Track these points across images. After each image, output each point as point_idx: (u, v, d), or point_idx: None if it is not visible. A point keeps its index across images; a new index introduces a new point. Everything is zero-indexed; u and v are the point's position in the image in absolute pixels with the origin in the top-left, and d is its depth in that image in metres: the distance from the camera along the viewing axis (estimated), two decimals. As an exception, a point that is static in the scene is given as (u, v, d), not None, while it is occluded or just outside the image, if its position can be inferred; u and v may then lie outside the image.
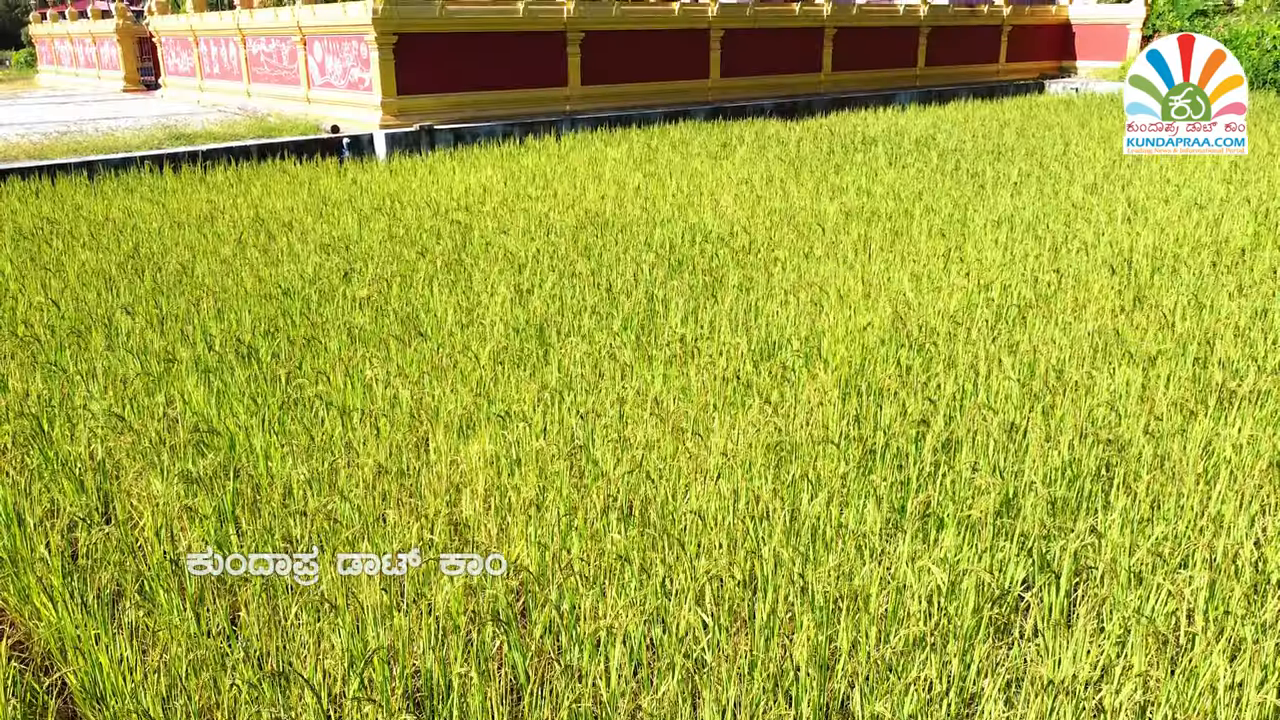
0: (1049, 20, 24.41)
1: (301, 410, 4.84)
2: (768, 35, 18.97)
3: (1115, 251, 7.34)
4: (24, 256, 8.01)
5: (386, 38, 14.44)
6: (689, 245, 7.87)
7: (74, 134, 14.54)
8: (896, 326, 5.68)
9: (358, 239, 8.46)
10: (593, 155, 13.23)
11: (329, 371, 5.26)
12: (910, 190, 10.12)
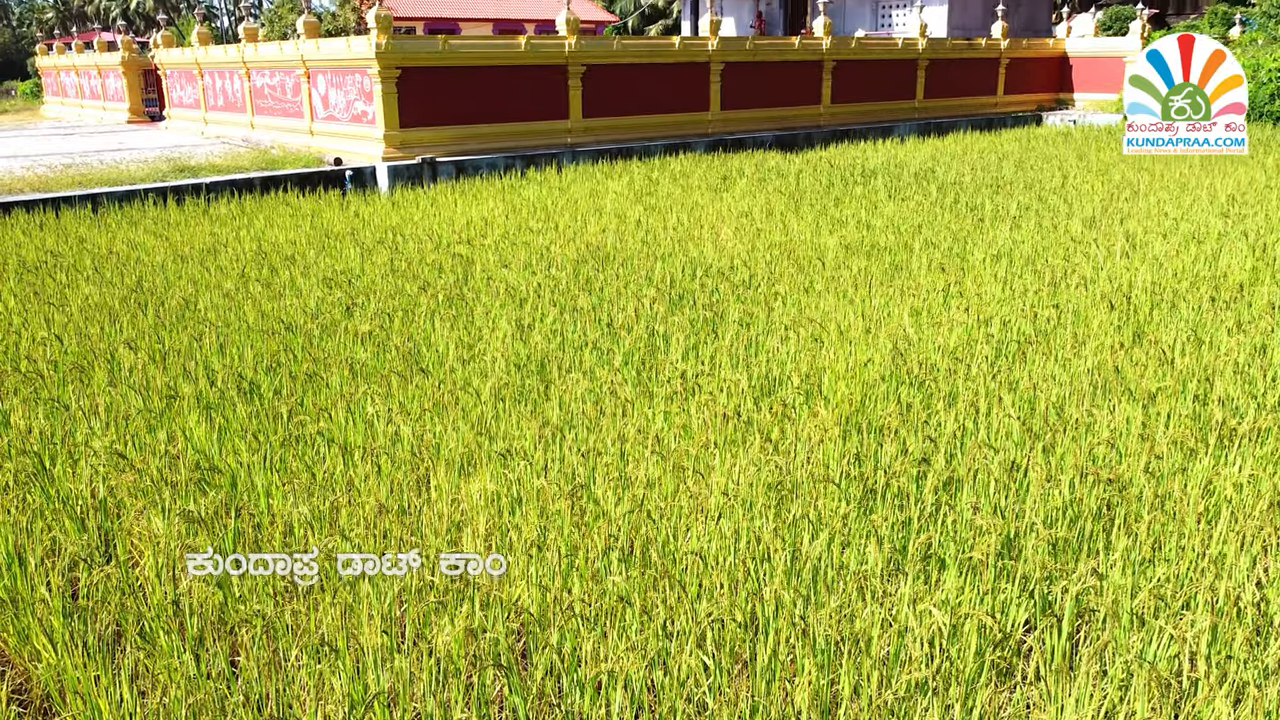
0: (1046, 53, 24.62)
1: (303, 447, 4.85)
2: (767, 68, 19.14)
3: (1114, 286, 7.37)
4: (28, 290, 8.05)
5: (389, 71, 14.57)
6: (689, 279, 7.90)
7: (78, 166, 14.65)
8: (897, 362, 5.70)
9: (360, 272, 8.50)
10: (594, 188, 13.31)
11: (330, 408, 5.27)
12: (909, 223, 10.17)
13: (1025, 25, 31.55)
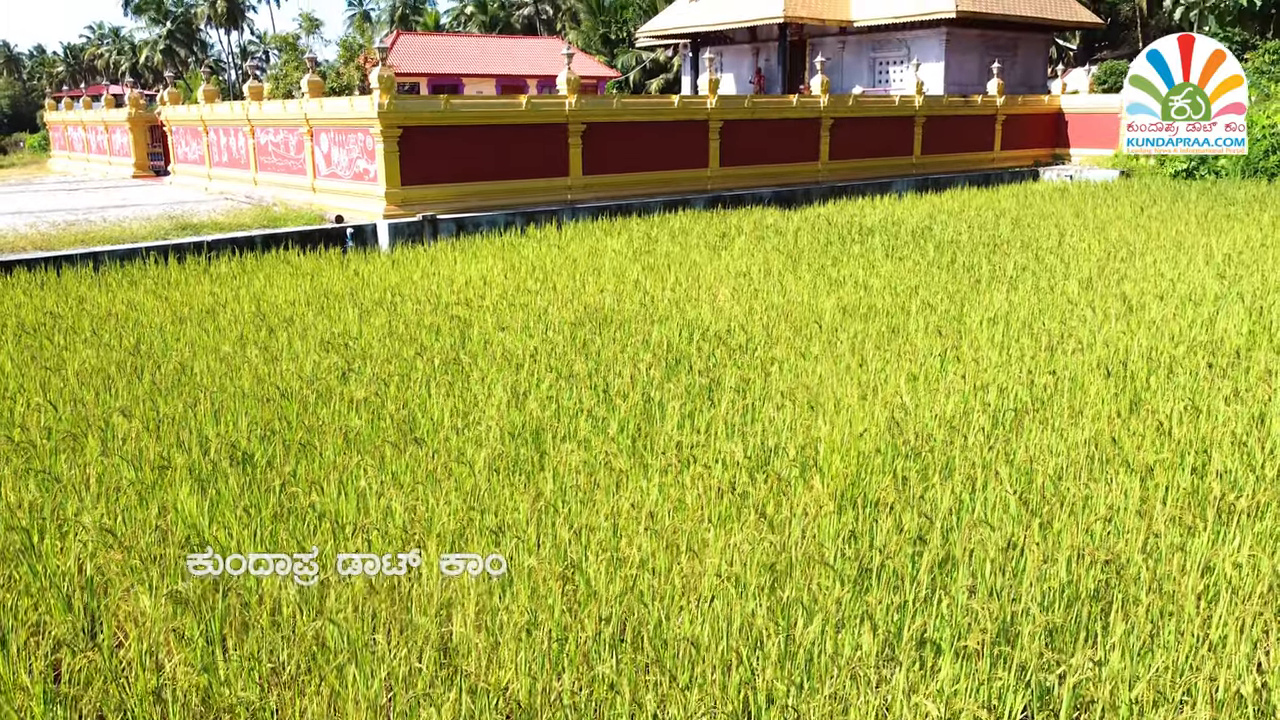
0: (1041, 109, 24.91)
1: (294, 521, 4.82)
2: (766, 126, 19.35)
3: (1111, 352, 7.36)
4: (25, 354, 8.05)
5: (391, 130, 14.73)
6: (686, 343, 7.91)
7: (81, 224, 14.75)
8: (893, 433, 5.68)
9: (357, 335, 8.51)
10: (593, 246, 13.38)
11: (323, 480, 5.24)
12: (907, 284, 10.20)
13: (1021, 81, 31.97)
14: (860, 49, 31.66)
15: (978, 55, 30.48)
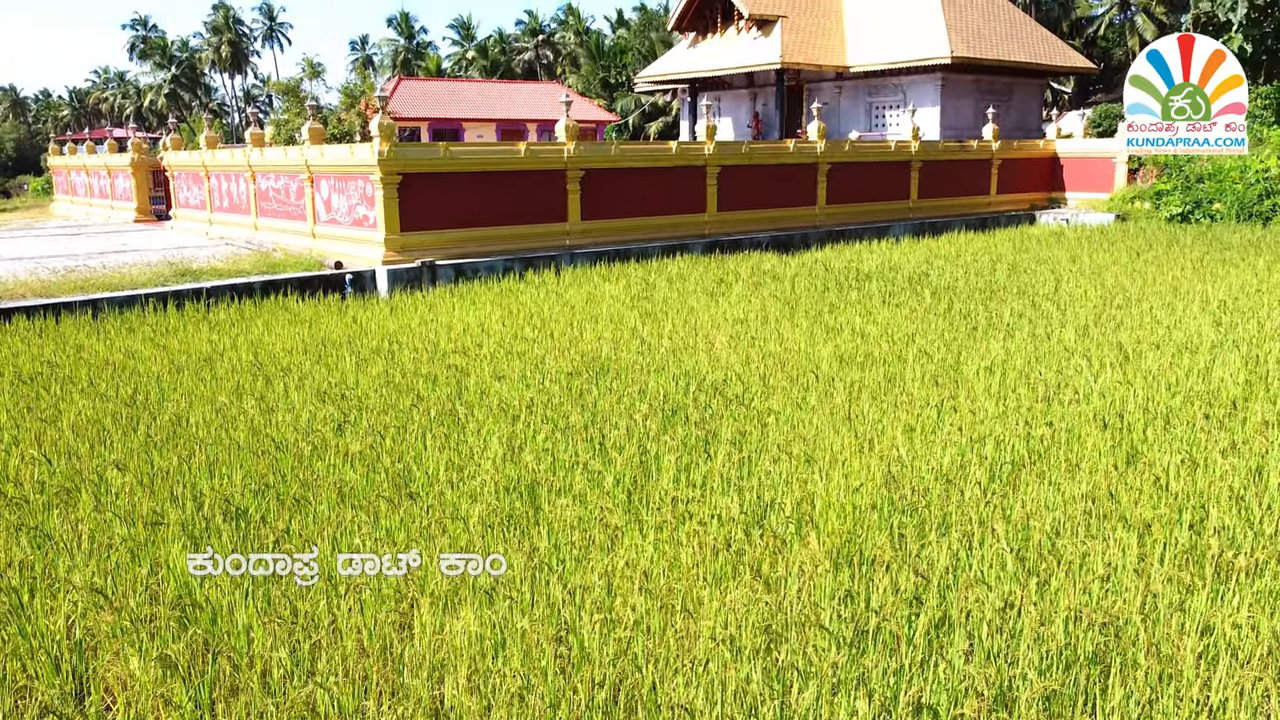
0: (1037, 154, 25.11)
1: (287, 580, 4.78)
2: (763, 171, 19.51)
3: (1107, 402, 7.36)
4: (21, 404, 8.05)
5: (391, 178, 14.84)
6: (683, 393, 7.90)
7: (81, 270, 14.81)
8: (890, 487, 5.65)
9: (354, 384, 8.51)
10: (590, 292, 13.42)
11: (316, 537, 5.22)
12: (904, 331, 10.22)
13: (1016, 125, 32.27)
14: (857, 93, 32.00)
15: (973, 100, 30.79)
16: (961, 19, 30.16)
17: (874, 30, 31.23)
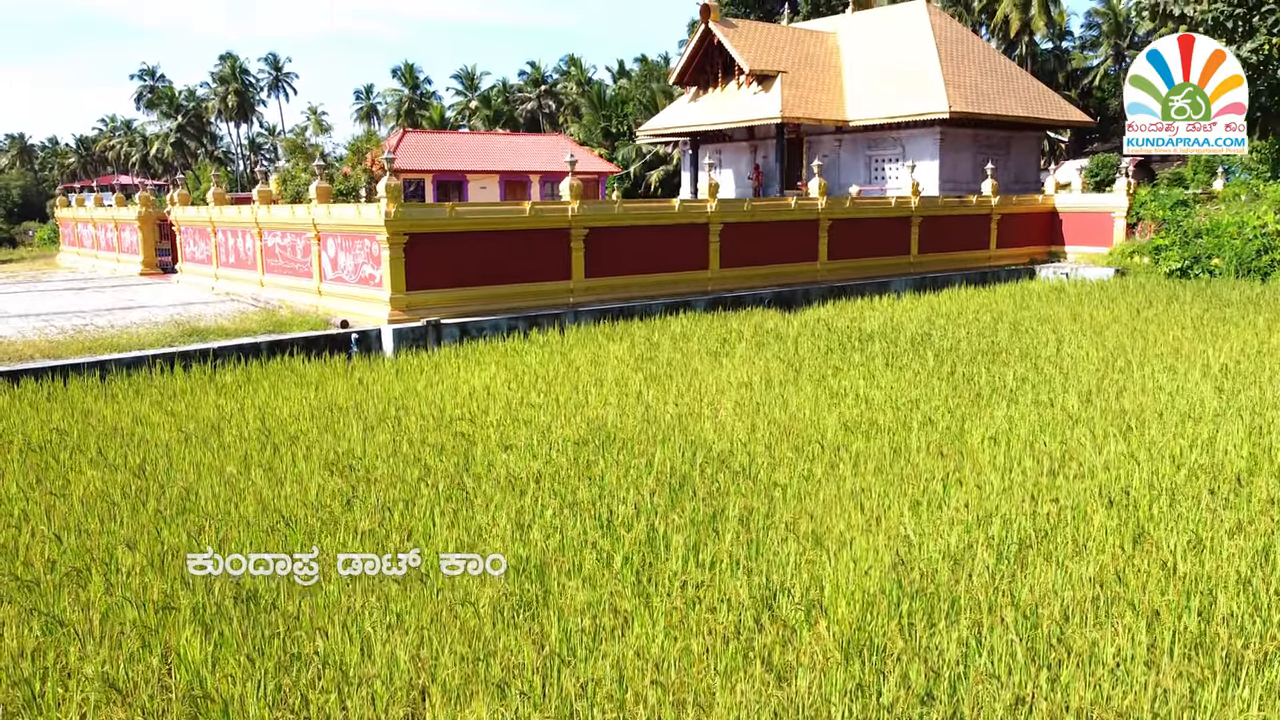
0: (1036, 208, 25.35)
1: (299, 670, 4.79)
2: (765, 228, 19.70)
3: (1112, 476, 7.39)
4: (31, 474, 8.08)
5: (398, 238, 15.00)
6: (690, 466, 7.94)
7: (89, 330, 14.91)
8: (898, 571, 5.68)
9: (361, 454, 8.55)
10: (595, 352, 13.51)
11: (326, 624, 5.23)
12: (907, 397, 10.28)
13: (1015, 178, 32.62)
14: (856, 147, 32.37)
15: (971, 153, 31.16)
16: (959, 75, 30.61)
17: (873, 85, 31.68)
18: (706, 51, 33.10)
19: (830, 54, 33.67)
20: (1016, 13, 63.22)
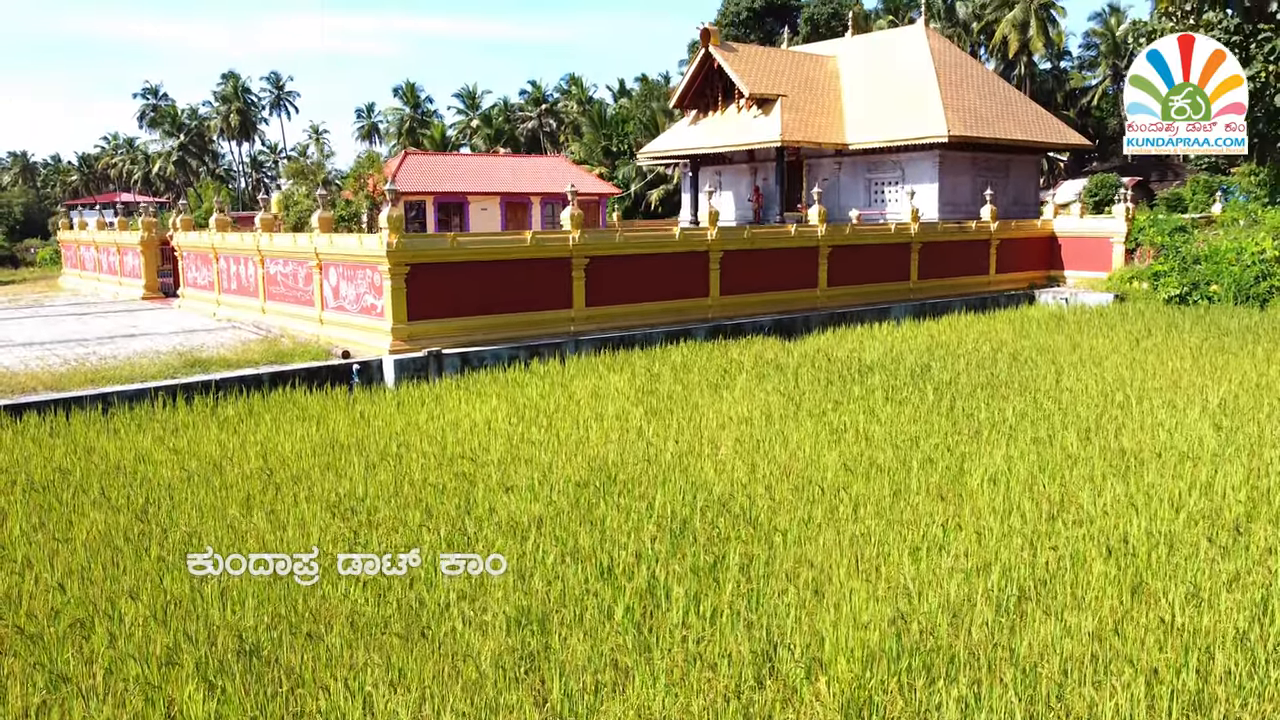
0: (1035, 233, 25.45)
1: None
2: (765, 255, 19.78)
3: (1112, 522, 7.42)
4: (35, 516, 8.12)
5: (399, 268, 15.07)
6: (690, 508, 7.97)
7: (91, 359, 14.95)
8: (897, 626, 5.70)
9: (363, 494, 8.58)
10: (596, 384, 13.55)
11: (329, 680, 5.26)
12: (907, 434, 10.32)
13: (1014, 200, 32.71)
14: (856, 169, 32.49)
15: (970, 176, 31.25)
16: (958, 99, 30.75)
17: (872, 109, 31.82)
18: (707, 75, 33.27)
19: (830, 78, 33.84)
20: (1015, 34, 63.58)
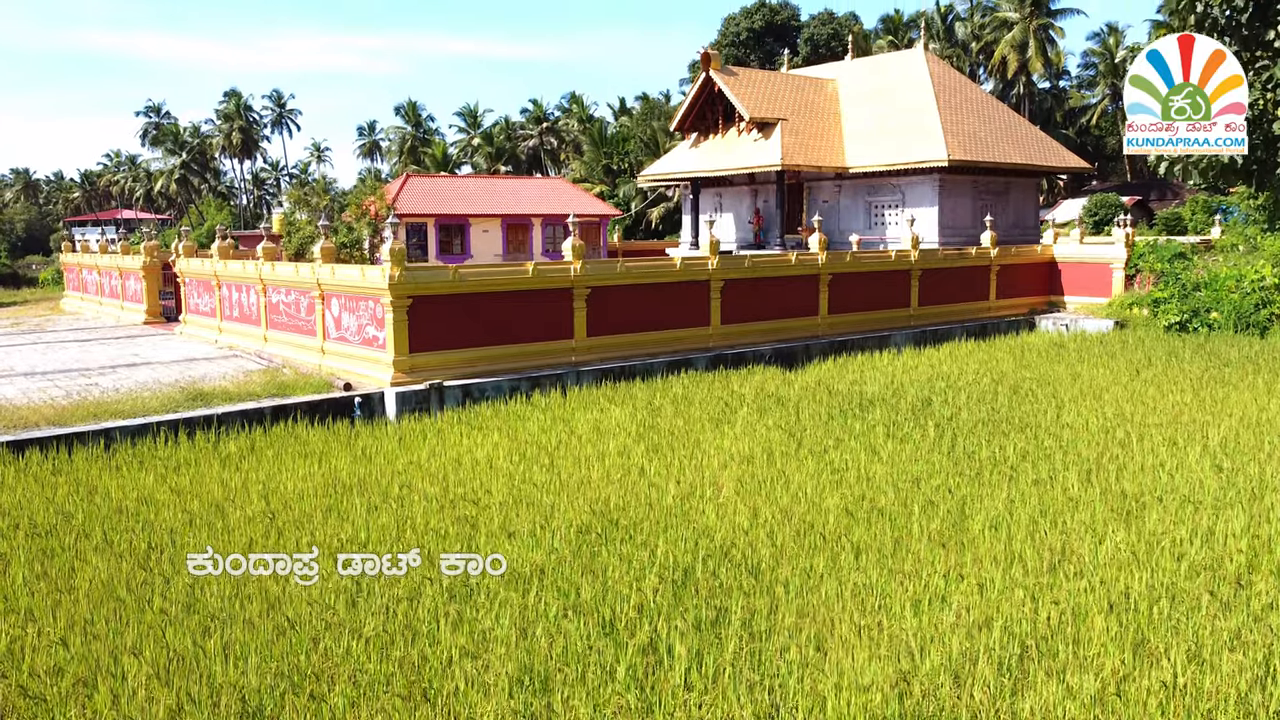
0: (1035, 259, 25.52)
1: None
2: (766, 284, 19.83)
3: (1112, 575, 7.43)
4: (37, 564, 8.13)
5: (401, 301, 15.12)
6: (692, 557, 7.98)
7: (94, 390, 14.99)
8: (899, 688, 5.71)
9: (365, 539, 8.59)
10: (597, 418, 13.58)
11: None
12: (908, 474, 10.33)
13: (1014, 223, 32.79)
14: (856, 192, 32.60)
15: (970, 199, 31.35)
16: (958, 123, 30.88)
17: (872, 133, 31.96)
18: (708, 98, 33.43)
19: (830, 101, 34.00)
20: (1014, 54, 63.89)
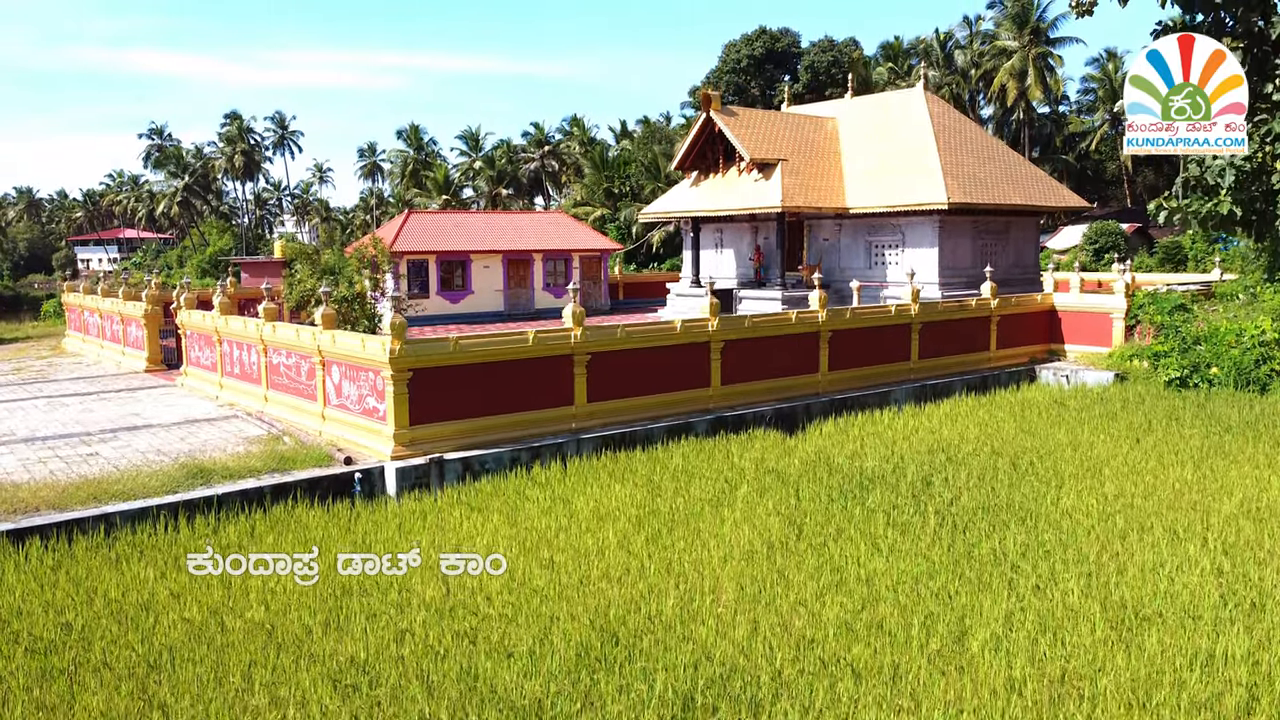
0: (1035, 308, 25.54)
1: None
2: (766, 343, 19.86)
3: (1115, 706, 7.42)
4: (36, 690, 8.14)
5: (401, 374, 15.15)
6: (691, 684, 7.98)
7: (96, 462, 15.01)
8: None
9: (365, 658, 8.59)
10: (598, 497, 13.61)
11: None
12: (908, 576, 10.34)
13: (1014, 262, 32.88)
14: (857, 231, 32.68)
15: (971, 239, 31.44)
16: (957, 165, 30.98)
17: (872, 174, 32.07)
18: (708, 139, 33.56)
19: (830, 140, 34.12)
20: (1014, 82, 64.08)
